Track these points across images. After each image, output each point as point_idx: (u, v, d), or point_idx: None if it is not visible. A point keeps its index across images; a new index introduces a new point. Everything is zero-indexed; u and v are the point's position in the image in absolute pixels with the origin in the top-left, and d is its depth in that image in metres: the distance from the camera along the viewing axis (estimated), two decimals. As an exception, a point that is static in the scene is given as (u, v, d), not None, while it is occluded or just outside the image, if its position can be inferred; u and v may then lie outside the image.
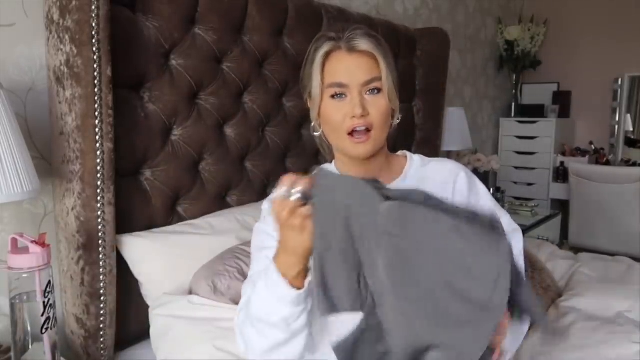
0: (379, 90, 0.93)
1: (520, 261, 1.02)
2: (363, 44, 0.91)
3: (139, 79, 1.34)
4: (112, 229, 1.20)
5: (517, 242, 1.03)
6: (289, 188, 0.74)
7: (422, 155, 1.08)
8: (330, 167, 1.05)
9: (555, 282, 1.76)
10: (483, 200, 1.04)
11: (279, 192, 0.75)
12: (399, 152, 1.08)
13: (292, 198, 0.73)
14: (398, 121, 1.00)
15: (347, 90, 0.91)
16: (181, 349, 1.13)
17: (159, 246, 1.29)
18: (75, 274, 1.20)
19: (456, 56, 3.27)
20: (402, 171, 1.03)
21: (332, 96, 0.92)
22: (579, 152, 3.93)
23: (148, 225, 1.36)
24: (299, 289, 0.78)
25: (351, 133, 0.92)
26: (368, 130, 0.92)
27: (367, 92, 0.92)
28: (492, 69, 3.85)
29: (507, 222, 1.03)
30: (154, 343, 1.22)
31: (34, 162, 1.08)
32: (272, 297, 0.80)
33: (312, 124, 1.00)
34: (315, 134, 1.00)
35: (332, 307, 0.74)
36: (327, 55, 0.93)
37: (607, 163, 3.78)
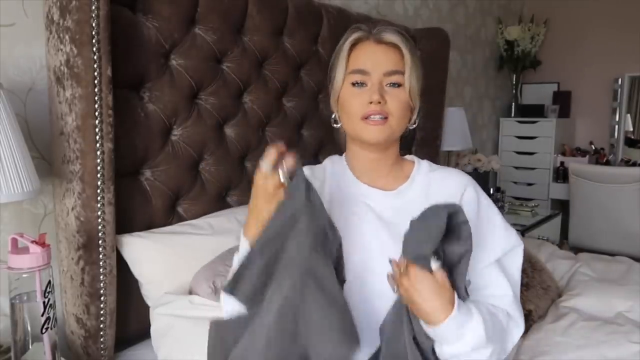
0: (400, 84, 0.93)
1: (517, 275, 1.00)
2: (391, 36, 0.92)
3: (139, 79, 1.34)
4: (112, 229, 1.20)
5: (516, 258, 1.00)
6: (277, 166, 0.78)
7: (429, 161, 1.07)
8: (339, 159, 1.06)
9: (555, 282, 1.76)
10: (492, 213, 1.00)
11: (265, 165, 0.78)
12: (407, 157, 1.07)
13: (282, 179, 0.78)
14: (414, 125, 0.99)
15: (368, 78, 0.92)
16: (182, 348, 1.14)
17: (159, 246, 1.29)
18: (75, 274, 1.20)
19: (456, 56, 3.27)
20: (409, 176, 1.01)
21: (353, 84, 0.93)
22: (579, 152, 3.93)
23: (148, 225, 1.36)
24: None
25: (366, 117, 0.92)
26: (385, 118, 0.92)
27: (388, 85, 0.92)
28: (492, 69, 3.85)
29: (514, 238, 1.01)
30: (154, 342, 1.22)
31: (34, 162, 1.08)
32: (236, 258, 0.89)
33: (333, 115, 1.00)
34: (335, 125, 1.00)
35: None
36: (355, 44, 0.94)
37: (607, 163, 3.78)
